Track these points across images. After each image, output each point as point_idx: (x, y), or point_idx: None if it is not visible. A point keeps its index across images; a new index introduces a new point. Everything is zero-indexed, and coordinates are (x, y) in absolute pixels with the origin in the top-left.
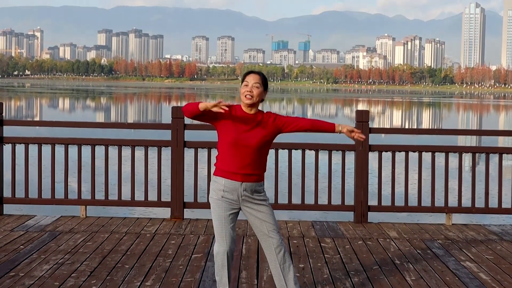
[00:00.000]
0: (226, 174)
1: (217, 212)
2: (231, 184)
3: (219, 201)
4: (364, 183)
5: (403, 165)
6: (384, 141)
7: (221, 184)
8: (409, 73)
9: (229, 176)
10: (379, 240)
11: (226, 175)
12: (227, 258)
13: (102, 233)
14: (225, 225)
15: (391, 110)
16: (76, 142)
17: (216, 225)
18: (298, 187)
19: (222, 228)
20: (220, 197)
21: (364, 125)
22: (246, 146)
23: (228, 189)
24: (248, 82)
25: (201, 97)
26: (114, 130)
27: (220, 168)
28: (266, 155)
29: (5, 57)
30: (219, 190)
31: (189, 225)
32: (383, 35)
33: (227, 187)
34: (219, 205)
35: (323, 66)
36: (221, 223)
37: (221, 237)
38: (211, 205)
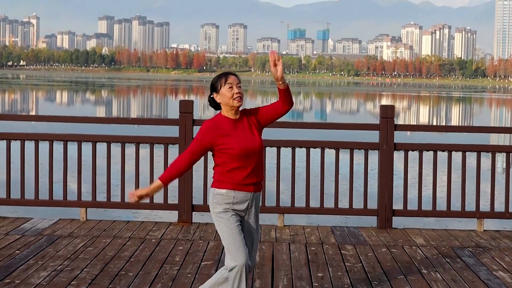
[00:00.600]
0: (235, 186)
1: (227, 225)
2: (243, 196)
3: (227, 213)
4: (389, 185)
5: (430, 166)
6: (410, 140)
7: (230, 197)
8: (437, 65)
9: (240, 188)
10: (405, 247)
11: (236, 187)
12: (245, 273)
13: (104, 237)
14: (238, 237)
15: (418, 106)
16: (75, 138)
17: (228, 238)
18: (316, 189)
19: (236, 239)
20: (229, 209)
21: (389, 122)
22: (251, 153)
23: (238, 200)
24: (231, 83)
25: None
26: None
27: (226, 181)
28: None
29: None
30: (227, 203)
31: (198, 229)
32: (409, 24)
33: (238, 199)
34: (228, 217)
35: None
36: (233, 235)
37: (237, 250)
38: (217, 219)
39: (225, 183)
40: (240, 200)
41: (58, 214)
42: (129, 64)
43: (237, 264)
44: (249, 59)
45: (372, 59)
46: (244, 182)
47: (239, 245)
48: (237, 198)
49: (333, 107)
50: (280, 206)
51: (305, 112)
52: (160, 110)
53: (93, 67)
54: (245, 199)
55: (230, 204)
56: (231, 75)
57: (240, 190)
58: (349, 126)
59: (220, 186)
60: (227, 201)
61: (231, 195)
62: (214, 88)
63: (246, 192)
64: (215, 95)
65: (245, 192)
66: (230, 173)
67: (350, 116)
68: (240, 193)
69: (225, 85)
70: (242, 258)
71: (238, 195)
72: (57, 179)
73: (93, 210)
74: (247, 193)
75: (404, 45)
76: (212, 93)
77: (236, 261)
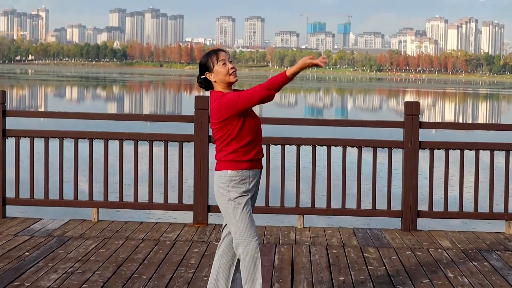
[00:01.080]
0: (251, 164)
1: (245, 210)
2: (255, 173)
3: (244, 197)
4: (414, 185)
5: (456, 165)
6: (436, 138)
7: (246, 177)
8: (463, 60)
9: (254, 166)
10: (430, 250)
11: (251, 165)
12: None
13: (116, 239)
14: (253, 222)
15: (443, 103)
16: (87, 136)
17: (244, 226)
18: (338, 189)
19: (252, 225)
20: (246, 192)
21: (414, 119)
22: (258, 126)
23: (252, 179)
24: (224, 59)
25: None
26: (129, 122)
27: (240, 160)
28: None
29: (6, 40)
30: (243, 183)
31: (214, 231)
32: (434, 17)
33: (252, 178)
34: (244, 201)
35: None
36: (248, 221)
37: (253, 236)
38: (233, 205)
39: (241, 163)
40: (253, 179)
41: (69, 215)
42: (141, 59)
43: (253, 247)
44: (267, 53)
45: (396, 54)
46: (255, 158)
47: (254, 231)
48: (252, 177)
49: (354, 104)
50: (300, 207)
51: (325, 109)
52: (173, 107)
53: (104, 62)
54: (256, 178)
55: (246, 185)
56: (221, 51)
57: (254, 168)
58: (372, 124)
59: (235, 167)
60: (243, 181)
61: (246, 174)
62: (206, 68)
63: (257, 170)
64: (208, 74)
65: (256, 170)
66: (244, 150)
67: (372, 114)
68: (254, 172)
69: (218, 62)
70: (256, 241)
71: (252, 174)
72: (68, 178)
73: (105, 210)
74: (257, 171)
75: (429, 39)
76: (204, 73)
77: (253, 243)
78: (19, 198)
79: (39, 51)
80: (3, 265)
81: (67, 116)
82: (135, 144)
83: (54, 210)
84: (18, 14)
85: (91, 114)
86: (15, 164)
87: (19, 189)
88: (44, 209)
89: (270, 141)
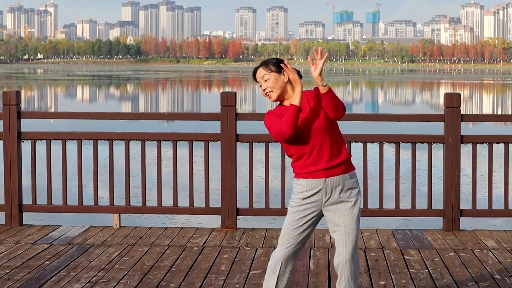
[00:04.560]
0: (307, 174)
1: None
2: (313, 183)
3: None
4: (456, 183)
5: (499, 161)
6: (475, 132)
7: (302, 186)
8: (501, 48)
9: (310, 175)
10: (474, 251)
11: (307, 175)
12: (279, 268)
13: (141, 246)
14: (293, 231)
15: (480, 94)
16: (106, 137)
17: (283, 228)
18: (374, 189)
19: (288, 233)
20: (301, 199)
21: (455, 112)
22: (316, 126)
23: (310, 189)
24: (259, 81)
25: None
26: (146, 122)
27: (299, 163)
28: (340, 134)
29: (13, 38)
30: (300, 192)
31: (244, 235)
32: (469, 3)
33: (310, 187)
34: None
35: (396, 42)
36: (288, 227)
37: (282, 242)
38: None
39: (301, 173)
40: (311, 188)
41: (89, 221)
42: (157, 55)
43: (275, 255)
44: (291, 45)
45: (429, 43)
46: (315, 168)
47: (287, 239)
48: (309, 186)
49: (385, 98)
50: None
51: (354, 104)
52: (192, 105)
53: (117, 59)
54: (317, 187)
55: (303, 192)
56: (258, 70)
57: (310, 178)
58: (410, 118)
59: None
60: (300, 190)
61: (303, 183)
62: None
63: (316, 179)
64: None
65: (315, 180)
66: (303, 163)
67: (405, 108)
68: (310, 181)
69: (257, 83)
70: (282, 252)
71: (309, 183)
72: (87, 183)
73: (127, 216)
74: (318, 180)
75: (464, 27)
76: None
77: (277, 251)
78: (36, 205)
79: (48, 49)
80: (23, 274)
81: (85, 116)
82: (158, 144)
83: (73, 216)
84: (25, 10)
85: (111, 114)
86: (31, 168)
87: (36, 195)
88: (63, 216)
89: None
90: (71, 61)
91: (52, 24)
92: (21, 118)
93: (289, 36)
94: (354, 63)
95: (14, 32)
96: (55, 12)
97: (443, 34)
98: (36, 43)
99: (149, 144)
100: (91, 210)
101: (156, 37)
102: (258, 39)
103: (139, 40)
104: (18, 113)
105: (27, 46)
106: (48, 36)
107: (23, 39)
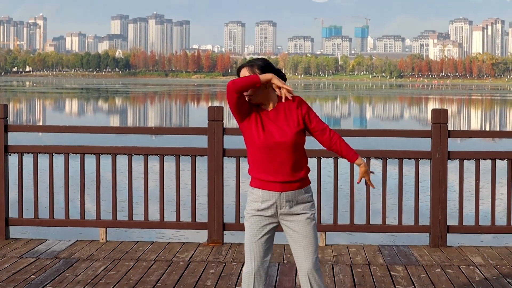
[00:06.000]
0: (263, 183)
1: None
2: (268, 195)
3: (253, 216)
4: (443, 199)
5: (487, 177)
6: (462, 147)
7: (257, 196)
8: (489, 64)
9: (265, 186)
10: (461, 267)
11: (263, 184)
12: (253, 282)
13: (127, 260)
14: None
15: (469, 110)
16: (94, 151)
17: (245, 243)
18: (361, 204)
19: (251, 245)
20: (256, 210)
21: (442, 128)
22: (277, 146)
23: (264, 200)
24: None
25: None
26: (133, 136)
27: (255, 177)
28: (304, 150)
29: (2, 50)
30: (255, 201)
31: (230, 250)
32: (458, 18)
33: (264, 198)
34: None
35: (384, 57)
36: (251, 240)
37: (248, 257)
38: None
39: (254, 180)
40: (266, 200)
41: (75, 235)
42: (145, 68)
43: (246, 271)
44: (280, 60)
45: (417, 58)
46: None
47: (254, 252)
48: (264, 198)
49: (374, 113)
50: (321, 224)
51: (342, 119)
52: (181, 119)
53: (106, 72)
54: (271, 199)
55: (258, 203)
56: (243, 69)
57: (265, 189)
58: (397, 133)
59: (252, 183)
60: (255, 199)
61: (258, 193)
62: None
63: (271, 191)
64: None
65: (271, 192)
66: (257, 169)
67: (393, 123)
68: (266, 193)
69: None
70: (252, 266)
71: (264, 195)
72: (74, 197)
73: (113, 230)
74: (273, 193)
75: (452, 42)
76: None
77: (246, 267)
78: (22, 218)
79: (37, 62)
80: None
81: (73, 130)
82: (144, 159)
83: (59, 230)
84: (14, 23)
85: (98, 128)
86: (18, 182)
87: (22, 209)
88: (49, 230)
89: None
90: (60, 74)
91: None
92: (8, 131)
93: (277, 50)
94: (342, 78)
95: (3, 45)
96: (44, 25)
97: (431, 49)
98: (25, 56)
99: (136, 158)
100: (77, 224)
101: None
102: (247, 53)
103: (128, 53)
104: (5, 127)
105: (16, 59)
106: (37, 49)
107: (12, 52)
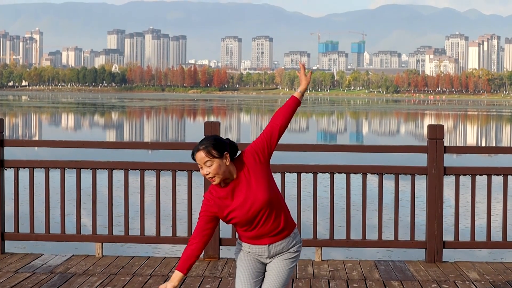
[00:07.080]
0: (251, 240)
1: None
2: (257, 248)
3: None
4: (438, 214)
5: (482, 192)
6: (457, 163)
7: (246, 247)
8: (485, 79)
9: (254, 243)
10: (457, 282)
11: (251, 241)
12: None
13: (123, 275)
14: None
15: (465, 126)
16: (90, 165)
17: (237, 278)
18: (357, 219)
19: (243, 279)
20: (247, 252)
21: (438, 143)
22: (257, 211)
23: (253, 250)
24: (200, 164)
25: (233, 111)
26: (134, 151)
27: (242, 235)
28: (283, 201)
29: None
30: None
31: (226, 265)
32: (454, 34)
33: (253, 250)
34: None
35: (381, 72)
36: (243, 274)
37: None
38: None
39: (242, 236)
40: (255, 251)
41: (71, 250)
42: (142, 83)
43: None
44: (276, 75)
45: (413, 74)
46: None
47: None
48: (252, 249)
49: (370, 128)
50: (318, 239)
51: (338, 134)
52: (177, 134)
53: (102, 87)
54: (261, 251)
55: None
56: (196, 154)
57: (253, 244)
58: (393, 149)
59: (239, 237)
60: (245, 249)
61: (246, 246)
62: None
63: (259, 245)
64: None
65: (259, 246)
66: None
67: (389, 138)
68: (254, 247)
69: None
70: None
71: (253, 248)
72: (69, 211)
73: (109, 245)
74: (262, 246)
75: (448, 58)
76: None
77: None
78: (18, 233)
79: (33, 76)
80: None
81: (69, 145)
82: (141, 174)
83: (55, 245)
84: (10, 37)
85: (94, 143)
86: (14, 196)
87: (18, 223)
88: (45, 244)
89: (285, 169)
90: (56, 89)
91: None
92: (4, 146)
93: (274, 65)
94: (339, 93)
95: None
96: (41, 39)
97: (427, 64)
98: (21, 70)
99: (132, 173)
100: (73, 239)
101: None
102: (243, 68)
103: (124, 68)
104: (1, 141)
105: (12, 73)
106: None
107: (8, 66)
